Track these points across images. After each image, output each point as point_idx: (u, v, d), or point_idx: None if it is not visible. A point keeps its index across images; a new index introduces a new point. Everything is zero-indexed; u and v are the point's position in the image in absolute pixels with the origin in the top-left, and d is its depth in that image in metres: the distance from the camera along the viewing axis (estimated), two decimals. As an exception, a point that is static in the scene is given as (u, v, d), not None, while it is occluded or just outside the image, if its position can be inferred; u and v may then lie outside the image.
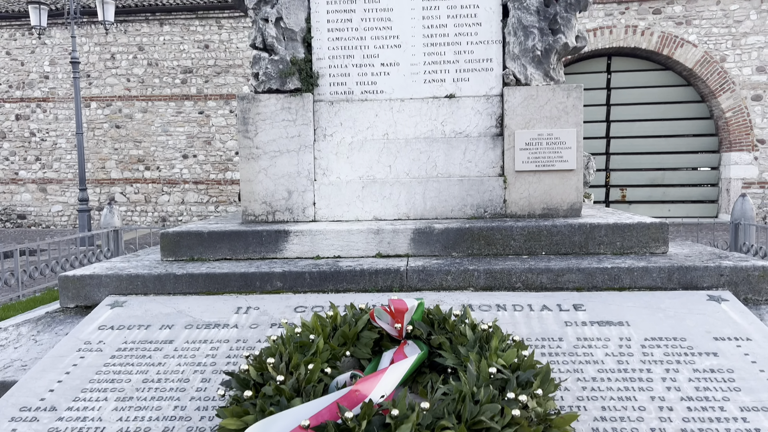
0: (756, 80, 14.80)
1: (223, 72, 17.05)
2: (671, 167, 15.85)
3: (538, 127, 3.97)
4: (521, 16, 4.00)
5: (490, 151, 4.08)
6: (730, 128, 14.89)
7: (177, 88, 17.18)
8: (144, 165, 17.41)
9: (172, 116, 17.22)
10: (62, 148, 17.61)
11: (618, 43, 15.27)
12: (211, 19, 16.97)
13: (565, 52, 4.06)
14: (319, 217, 4.12)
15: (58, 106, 17.49)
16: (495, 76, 4.12)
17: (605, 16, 15.30)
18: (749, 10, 14.69)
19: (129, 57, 17.23)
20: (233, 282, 3.33)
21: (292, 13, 4.11)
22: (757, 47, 14.71)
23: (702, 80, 14.93)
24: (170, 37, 17.12)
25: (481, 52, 4.12)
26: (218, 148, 17.19)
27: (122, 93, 17.30)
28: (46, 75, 17.43)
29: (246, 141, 4.11)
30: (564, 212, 3.98)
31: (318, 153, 4.16)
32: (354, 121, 4.19)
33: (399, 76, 4.19)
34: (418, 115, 4.17)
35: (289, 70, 4.10)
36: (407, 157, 4.13)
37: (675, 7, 14.95)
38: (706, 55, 14.78)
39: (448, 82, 4.17)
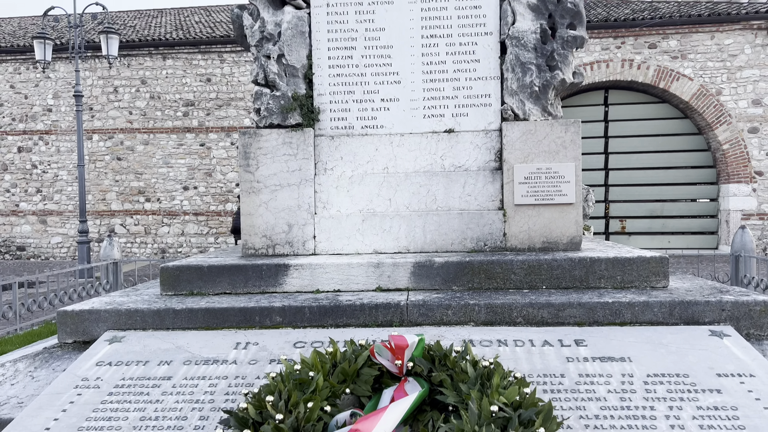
0: (752, 113, 14.96)
1: (225, 105, 17.23)
2: (670, 199, 15.91)
3: (537, 161, 4.01)
4: (519, 53, 4.07)
5: (489, 184, 4.10)
6: (727, 160, 14.99)
7: (179, 120, 17.35)
8: (144, 197, 17.47)
9: (174, 148, 17.35)
10: (63, 180, 17.69)
11: (615, 77, 15.48)
12: (214, 53, 17.23)
13: (563, 88, 4.11)
14: (320, 251, 4.12)
15: (60, 139, 17.63)
16: (494, 111, 4.17)
17: (602, 50, 15.54)
18: (743, 44, 14.93)
19: (132, 90, 17.43)
20: (232, 317, 3.32)
21: (293, 50, 4.18)
22: (752, 81, 14.90)
23: (698, 113, 15.09)
24: (173, 70, 17.35)
25: (479, 87, 4.18)
26: (219, 179, 17.27)
27: (124, 125, 17.46)
28: (50, 108, 17.61)
29: (247, 175, 4.14)
30: (564, 246, 3.98)
31: (318, 186, 4.18)
32: (354, 156, 4.23)
33: (399, 111, 4.24)
34: (418, 149, 4.21)
35: (290, 105, 4.16)
36: (407, 190, 4.15)
37: (670, 41, 15.20)
38: (701, 88, 14.97)
39: (447, 117, 4.21)
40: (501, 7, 4.13)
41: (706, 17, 14.82)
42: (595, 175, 15.88)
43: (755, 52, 14.91)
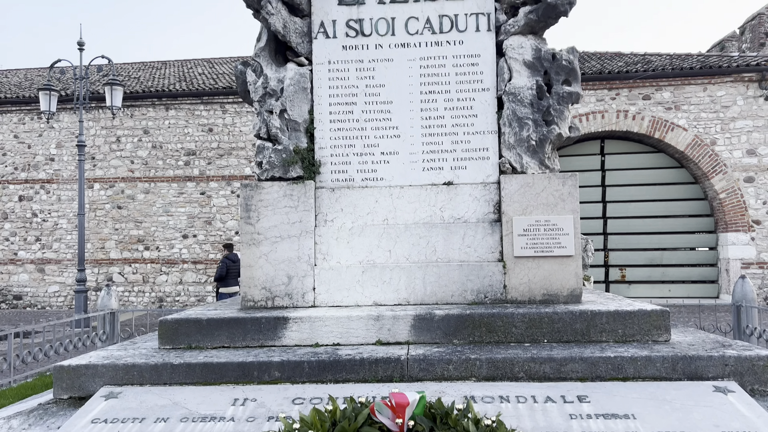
0: (747, 163, 15.12)
1: (226, 154, 17.42)
2: (669, 247, 15.91)
3: (536, 213, 4.04)
4: (515, 108, 4.16)
5: (488, 236, 4.12)
6: (725, 209, 15.07)
7: (180, 169, 17.50)
8: (144, 245, 17.45)
9: (174, 197, 17.44)
10: (63, 229, 17.70)
11: (610, 127, 15.71)
12: (216, 104, 17.52)
13: (559, 141, 4.19)
14: (319, 303, 4.11)
15: (61, 188, 17.74)
16: (492, 164, 4.23)
17: (597, 101, 15.83)
18: (735, 96, 15.22)
19: (134, 140, 17.65)
20: (231, 372, 3.28)
21: (296, 106, 4.27)
22: (746, 131, 15.13)
23: (694, 162, 15.26)
24: (175, 120, 17.61)
25: (477, 141, 4.25)
26: (218, 228, 17.29)
27: (126, 174, 17.60)
28: (52, 157, 17.79)
29: (247, 227, 4.16)
30: (564, 298, 3.97)
31: (319, 238, 4.20)
32: (354, 207, 4.26)
33: (398, 164, 4.30)
34: (417, 201, 4.24)
35: (292, 158, 4.22)
36: (407, 242, 4.17)
37: (663, 93, 15.50)
38: (696, 138, 15.18)
39: (446, 170, 4.27)
40: (498, 64, 4.25)
41: (698, 70, 15.16)
42: (593, 224, 15.93)
43: (747, 104, 15.19)
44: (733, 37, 18.38)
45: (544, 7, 4.09)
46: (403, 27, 4.31)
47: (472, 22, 4.27)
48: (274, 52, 4.40)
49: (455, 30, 4.28)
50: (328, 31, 4.34)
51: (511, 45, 4.20)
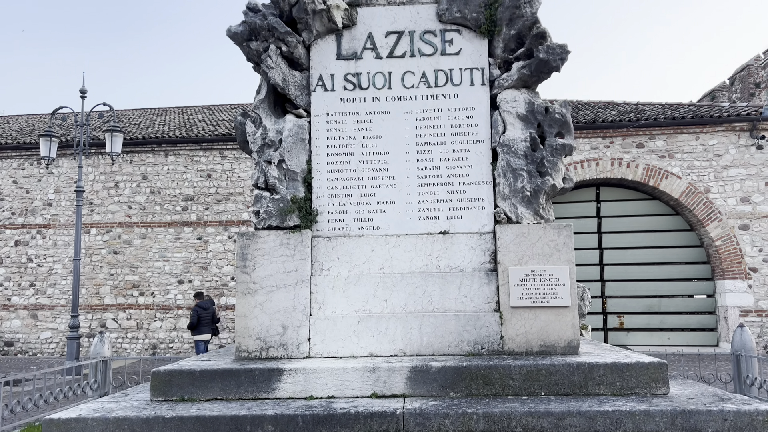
0: (741, 210, 15.23)
1: (224, 199, 17.49)
2: (667, 294, 15.85)
3: (531, 263, 4.05)
4: (510, 159, 4.22)
5: (485, 286, 4.12)
6: (721, 256, 15.09)
7: (177, 215, 17.54)
8: (139, 290, 17.33)
9: (171, 242, 17.42)
10: (58, 274, 17.60)
11: (605, 174, 15.87)
12: (215, 150, 17.70)
13: (554, 192, 4.23)
14: (314, 353, 4.07)
15: (58, 233, 17.72)
16: (487, 214, 4.26)
17: (591, 149, 16.04)
18: (728, 145, 15.45)
19: (132, 185, 17.75)
20: (223, 426, 3.22)
21: (294, 156, 4.33)
22: (739, 179, 15.29)
23: (689, 210, 15.36)
24: (174, 166, 17.75)
25: (473, 191, 4.30)
26: (214, 273, 17.22)
27: (123, 220, 17.62)
28: (50, 202, 17.84)
29: (243, 276, 4.15)
30: (562, 349, 3.95)
31: (314, 287, 4.19)
32: (351, 256, 4.27)
33: (395, 213, 4.33)
34: (414, 250, 4.26)
35: (289, 208, 4.25)
36: (403, 291, 4.16)
37: (657, 141, 15.73)
38: (690, 186, 15.33)
39: (442, 219, 4.30)
40: (492, 116, 4.33)
41: (690, 119, 15.43)
42: (591, 270, 15.91)
43: (740, 152, 15.41)
44: (723, 88, 18.78)
45: (536, 63, 4.20)
46: (399, 81, 4.41)
47: (466, 76, 4.38)
48: (273, 104, 4.48)
49: (450, 84, 4.38)
50: (326, 84, 4.44)
51: (504, 98, 4.29)
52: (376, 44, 4.44)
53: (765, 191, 15.31)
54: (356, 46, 4.46)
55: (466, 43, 4.42)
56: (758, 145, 15.34)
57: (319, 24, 4.36)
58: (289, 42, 4.31)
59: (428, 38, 4.43)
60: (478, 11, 4.32)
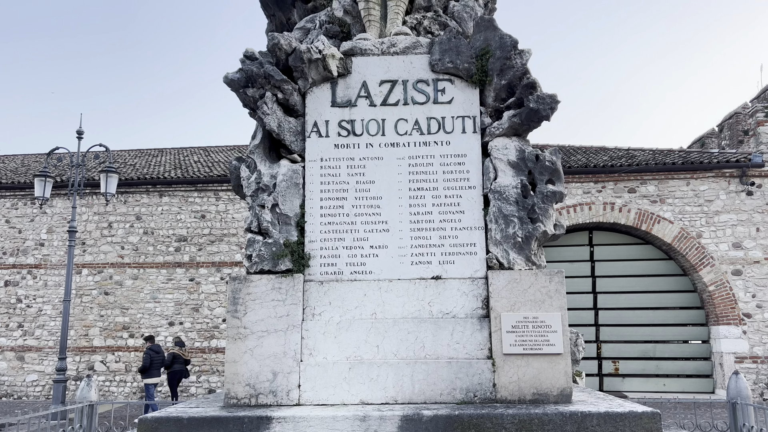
0: (733, 256, 15.31)
1: (217, 240, 17.46)
2: (661, 340, 15.77)
3: (523, 310, 4.05)
4: (501, 205, 4.27)
5: (477, 332, 4.10)
6: (715, 302, 15.09)
7: (170, 255, 17.47)
8: (128, 332, 17.10)
9: (163, 283, 17.29)
10: (47, 315, 17.39)
11: (598, 219, 15.99)
12: (210, 191, 17.76)
13: (545, 239, 4.26)
14: (304, 401, 4.01)
15: (49, 273, 17.58)
16: (479, 259, 4.28)
17: (583, 193, 16.19)
18: (718, 191, 15.64)
19: (126, 226, 17.72)
20: (210, 476, 3.14)
21: (287, 200, 4.36)
22: (730, 225, 15.43)
23: (682, 254, 15.43)
24: (168, 207, 17.77)
25: (465, 237, 4.32)
26: (206, 315, 17.04)
27: (115, 260, 17.52)
28: (42, 242, 17.76)
29: (234, 321, 4.13)
30: (555, 398, 3.91)
31: (306, 333, 4.16)
32: (343, 301, 4.25)
33: (387, 257, 4.34)
34: (406, 295, 4.25)
35: (281, 252, 4.25)
36: (395, 337, 4.13)
37: (648, 186, 15.91)
38: (682, 231, 15.44)
39: (434, 264, 4.31)
40: (483, 163, 4.40)
41: (680, 165, 15.66)
42: (585, 315, 15.85)
43: (730, 198, 15.59)
44: (712, 134, 19.12)
45: (527, 112, 4.30)
46: (392, 128, 4.49)
47: (458, 124, 4.46)
48: (268, 150, 4.54)
49: (442, 131, 4.46)
50: (321, 131, 4.51)
51: (496, 146, 4.37)
52: (370, 92, 4.53)
53: (756, 237, 15.44)
54: (351, 94, 4.55)
55: (458, 92, 4.52)
56: (748, 191, 15.54)
57: (315, 72, 4.46)
58: (285, 89, 4.40)
59: (421, 87, 4.53)
60: (470, 62, 4.43)
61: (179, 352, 13.91)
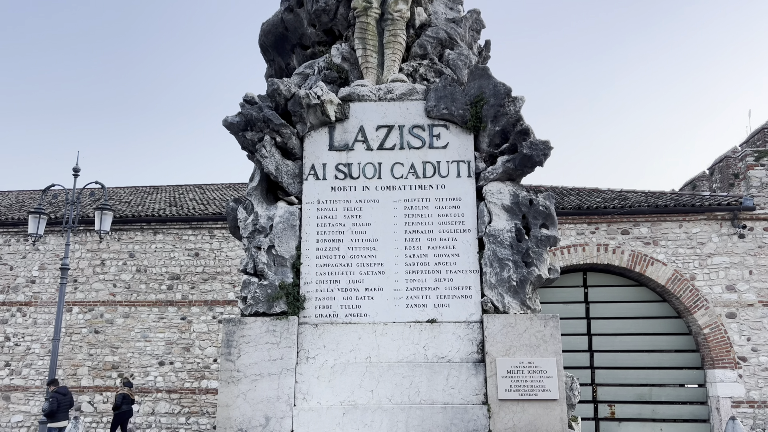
0: (727, 298, 15.30)
1: (211, 279, 17.35)
2: (657, 383, 15.60)
3: (519, 354, 4.03)
4: (496, 249, 4.30)
5: (472, 377, 4.08)
6: (710, 345, 15.00)
7: (162, 293, 17.32)
8: (117, 372, 16.80)
9: (154, 321, 17.10)
10: (35, 354, 17.10)
11: (591, 260, 16.00)
12: (204, 229, 17.73)
13: (539, 283, 4.28)
14: (297, 446, 3.94)
15: (39, 311, 17.37)
16: (474, 303, 4.28)
17: (577, 234, 16.26)
18: (710, 233, 15.74)
19: (119, 263, 17.61)
20: None
21: (284, 242, 4.38)
22: (723, 267, 15.47)
23: (676, 297, 15.41)
24: (162, 244, 17.70)
25: (460, 280, 4.34)
26: (197, 354, 16.81)
27: (106, 298, 17.36)
28: (33, 279, 17.60)
29: (227, 364, 4.09)
30: (550, 445, 3.86)
31: (299, 376, 4.13)
32: (337, 344, 4.23)
33: (383, 300, 4.33)
34: (401, 338, 4.23)
35: (277, 294, 4.25)
36: (390, 381, 4.10)
37: (641, 228, 16.00)
38: (676, 273, 15.45)
39: (429, 307, 4.31)
40: (478, 207, 4.45)
41: (673, 207, 15.79)
42: (580, 357, 15.71)
43: (722, 241, 15.67)
44: (703, 177, 19.35)
45: (520, 158, 4.37)
46: (389, 171, 4.55)
47: (453, 168, 4.53)
48: (266, 191, 4.58)
49: (438, 175, 4.52)
50: (318, 174, 4.56)
51: (490, 190, 4.42)
52: (367, 137, 4.61)
53: (749, 280, 15.48)
54: (348, 138, 4.62)
55: (453, 137, 4.60)
56: (740, 234, 15.65)
57: (313, 117, 4.54)
58: (284, 133, 4.47)
59: (417, 132, 4.61)
60: (464, 108, 4.53)
61: (128, 393, 13.94)
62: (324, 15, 5.06)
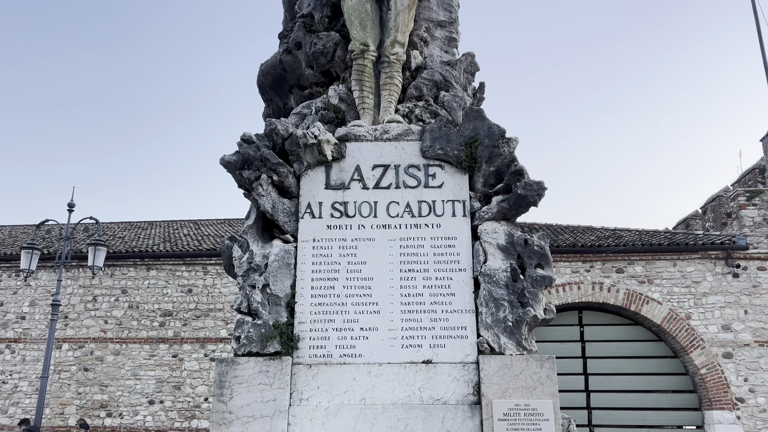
0: (723, 338, 15.24)
1: (203, 315, 17.19)
2: (655, 424, 15.40)
3: (515, 396, 3.99)
4: (492, 289, 4.29)
5: (468, 420, 4.02)
6: (707, 385, 14.87)
7: (154, 330, 17.13)
8: (106, 411, 16.48)
9: (145, 359, 16.86)
10: (22, 392, 16.77)
11: (587, 298, 15.97)
12: (198, 265, 17.66)
13: (535, 323, 4.27)
14: (289, 491, 3.85)
15: (28, 347, 17.12)
16: (470, 343, 4.25)
17: (572, 272, 16.26)
18: (705, 272, 15.77)
19: (111, 299, 17.45)
20: None
21: (278, 281, 4.36)
22: (719, 306, 15.45)
23: (672, 336, 15.34)
24: (155, 281, 17.59)
25: (455, 320, 4.31)
26: (187, 393, 16.52)
27: (97, 335, 17.14)
28: (23, 315, 17.39)
29: (219, 405, 4.02)
30: (548, 490, 3.79)
31: (293, 418, 4.06)
32: (331, 385, 4.17)
33: (377, 340, 4.30)
34: (396, 380, 4.18)
35: (270, 333, 4.21)
36: (384, 424, 4.03)
37: (636, 267, 16.03)
38: (671, 312, 15.42)
39: (425, 347, 4.27)
40: (473, 246, 4.45)
41: (667, 246, 15.86)
42: (576, 397, 15.51)
43: (717, 280, 15.69)
44: (696, 216, 19.49)
45: (515, 198, 4.41)
46: (384, 210, 4.57)
47: (448, 207, 4.56)
48: (262, 230, 4.59)
49: (433, 214, 4.55)
50: (314, 212, 4.58)
51: (485, 230, 4.44)
52: (363, 176, 4.64)
53: (745, 319, 15.44)
54: (344, 177, 4.65)
55: (448, 177, 4.64)
56: (734, 273, 15.67)
57: (310, 156, 4.58)
58: (281, 172, 4.50)
59: (412, 172, 4.65)
60: (459, 149, 4.58)
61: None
62: (322, 57, 5.15)
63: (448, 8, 5.42)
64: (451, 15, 5.43)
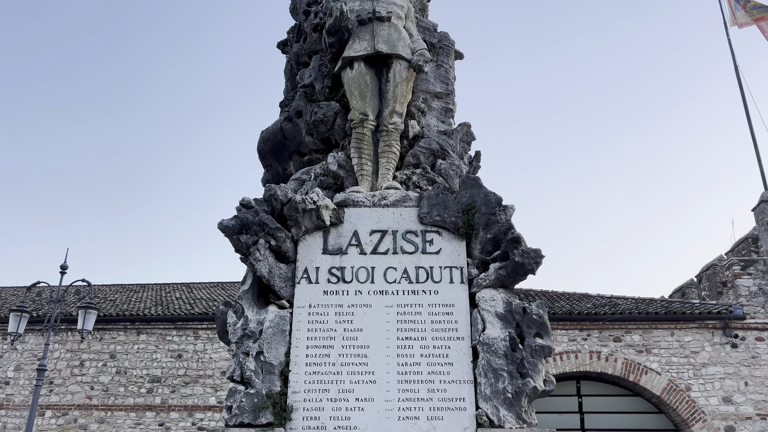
0: (725, 411, 14.88)
1: (192, 382, 16.73)
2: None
3: (516, 472, 3.84)
4: (490, 359, 4.21)
5: (467, 497, 3.85)
6: (711, 461, 14.40)
7: (141, 397, 16.62)
8: (86, 484, 15.75)
9: (130, 428, 16.27)
10: (0, 462, 16.07)
11: (584, 368, 15.67)
12: (189, 329, 17.34)
13: (535, 395, 4.17)
14: None
15: (9, 414, 16.52)
16: (468, 415, 4.13)
17: (569, 341, 16.02)
18: (703, 342, 15.57)
19: (98, 364, 17.01)
20: None
21: (273, 348, 4.28)
22: (719, 378, 15.16)
23: (672, 408, 14.98)
24: (145, 345, 17.21)
25: (454, 391, 4.21)
26: (172, 469, 15.85)
27: (82, 401, 16.60)
28: (8, 381, 16.89)
29: (208, 479, 3.86)
30: None
31: (284, 494, 3.88)
32: (325, 459, 4.02)
33: (373, 411, 4.17)
34: (392, 454, 4.03)
35: (263, 404, 4.09)
36: (380, 501, 3.86)
37: (633, 335, 15.82)
38: (671, 383, 15.12)
39: (422, 420, 4.14)
40: (471, 314, 4.41)
41: (664, 315, 15.71)
42: (576, 472, 14.97)
43: (715, 350, 15.48)
44: (692, 284, 19.43)
45: (512, 265, 4.40)
46: (382, 275, 4.55)
47: (446, 274, 4.54)
48: (257, 295, 4.54)
49: (431, 281, 4.52)
50: (311, 277, 4.55)
51: (483, 297, 4.41)
52: (360, 241, 4.65)
53: (746, 391, 15.13)
54: (342, 243, 4.65)
55: (445, 243, 4.64)
56: (732, 343, 15.49)
57: (308, 221, 4.59)
58: (279, 237, 4.50)
59: (410, 237, 4.66)
60: (457, 216, 4.61)
61: None
62: (322, 125, 5.27)
63: (445, 81, 5.60)
64: (447, 87, 5.60)
